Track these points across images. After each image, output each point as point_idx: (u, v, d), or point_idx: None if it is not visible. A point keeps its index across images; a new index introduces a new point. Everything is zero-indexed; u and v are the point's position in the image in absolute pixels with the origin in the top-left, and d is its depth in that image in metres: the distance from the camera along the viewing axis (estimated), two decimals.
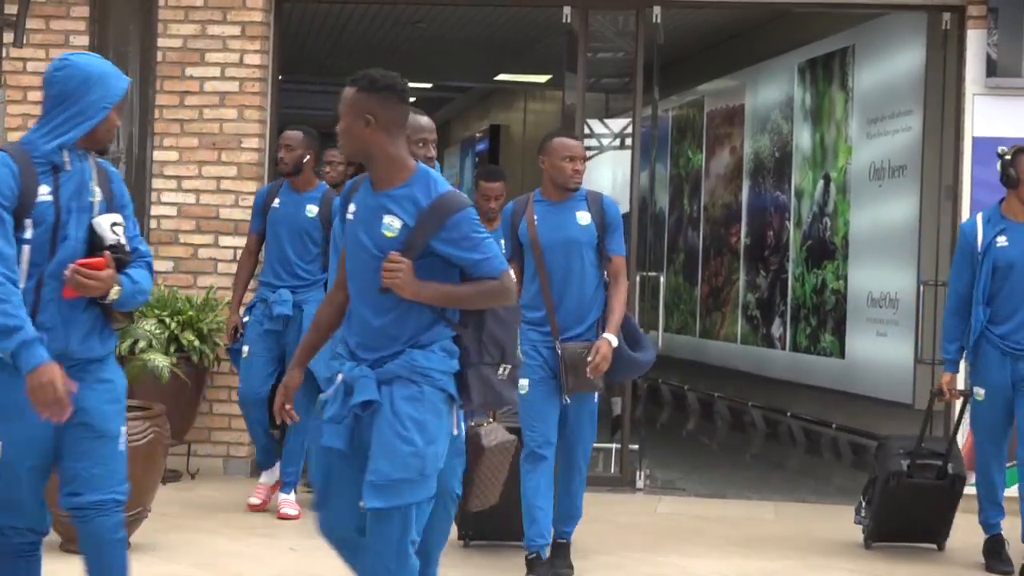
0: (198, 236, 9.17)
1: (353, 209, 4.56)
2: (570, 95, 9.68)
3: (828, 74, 11.70)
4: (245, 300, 8.18)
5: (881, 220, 10.76)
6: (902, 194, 10.44)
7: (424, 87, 18.70)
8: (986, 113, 8.80)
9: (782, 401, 12.31)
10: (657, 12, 9.34)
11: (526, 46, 13.87)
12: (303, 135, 7.94)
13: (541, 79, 16.84)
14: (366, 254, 4.48)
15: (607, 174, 13.83)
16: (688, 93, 14.76)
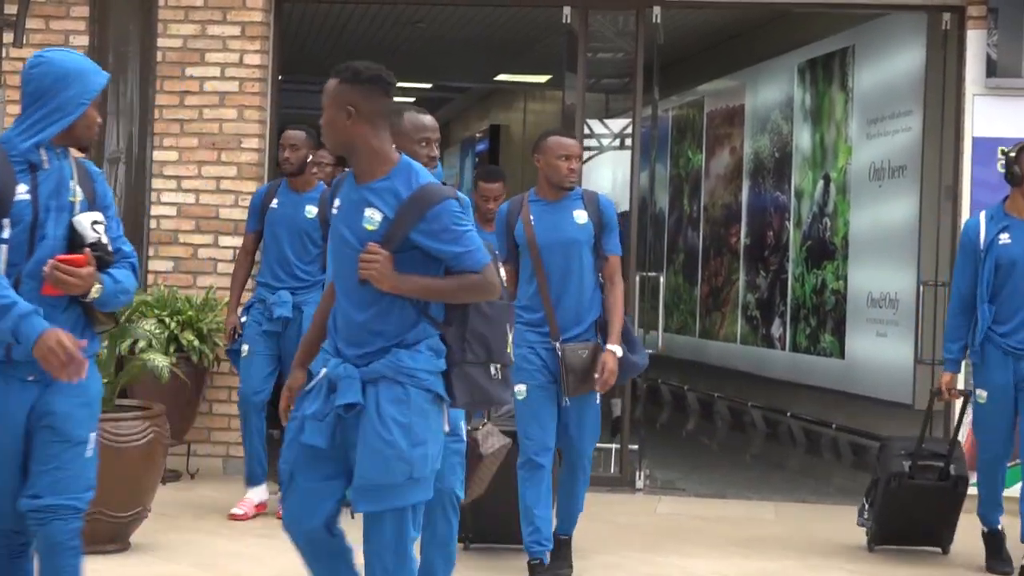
0: (198, 236, 9.17)
1: (337, 204, 4.49)
2: (570, 95, 9.68)
3: (828, 74, 11.70)
4: (243, 300, 8.15)
5: (881, 220, 10.76)
6: (902, 194, 10.43)
7: (424, 87, 18.70)
8: (986, 113, 8.80)
9: (782, 401, 12.30)
10: (657, 12, 9.34)
11: (526, 46, 13.87)
12: (306, 135, 7.92)
13: (541, 79, 16.82)
14: (348, 248, 4.39)
15: (607, 174, 13.83)
16: (688, 93, 14.75)
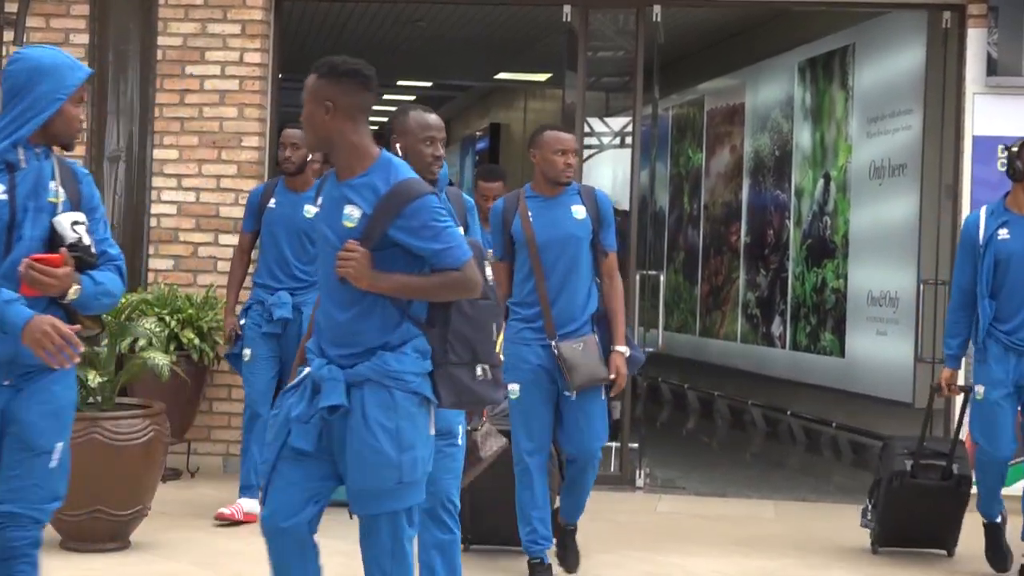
0: (198, 234, 9.17)
1: (320, 202, 4.43)
2: (570, 94, 9.68)
3: (828, 73, 11.70)
4: (240, 300, 8.11)
5: (881, 219, 10.76)
6: (902, 193, 10.43)
7: (424, 86, 18.71)
8: (986, 112, 8.80)
9: (782, 400, 12.30)
10: (657, 11, 9.34)
11: (526, 45, 13.87)
12: None
13: (541, 78, 16.82)
14: (329, 246, 4.32)
15: (607, 173, 13.82)
16: (688, 92, 14.75)
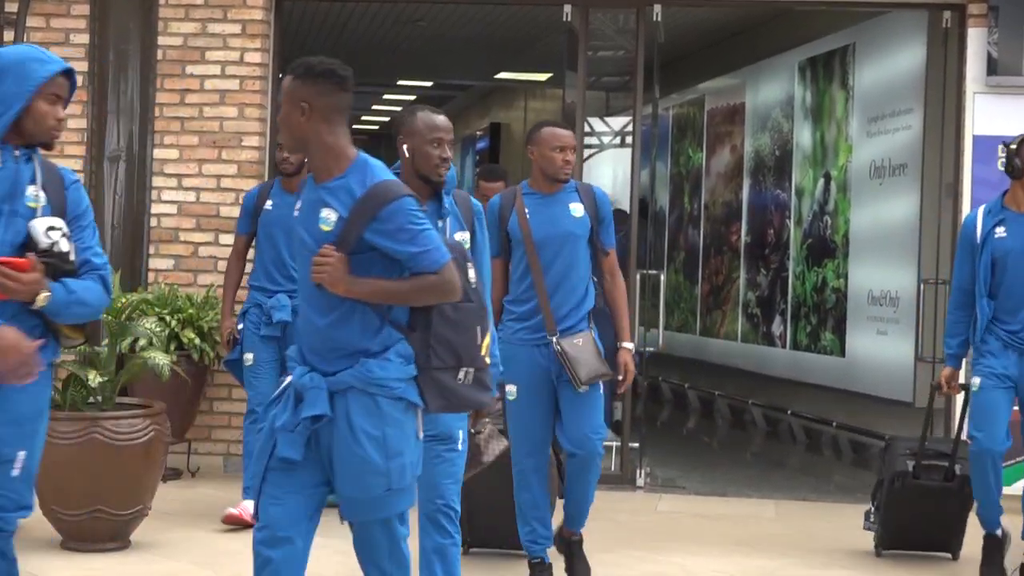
0: (198, 234, 9.17)
1: (298, 206, 4.33)
2: (570, 93, 9.68)
3: (829, 72, 11.70)
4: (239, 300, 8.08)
5: (881, 218, 10.76)
6: (903, 192, 10.43)
7: (424, 85, 18.71)
8: (986, 111, 8.80)
9: (782, 399, 12.30)
10: (658, 10, 9.34)
11: (527, 44, 13.87)
12: None
13: (542, 77, 16.82)
14: (306, 250, 4.23)
15: (607, 172, 13.82)
16: (689, 91, 14.75)
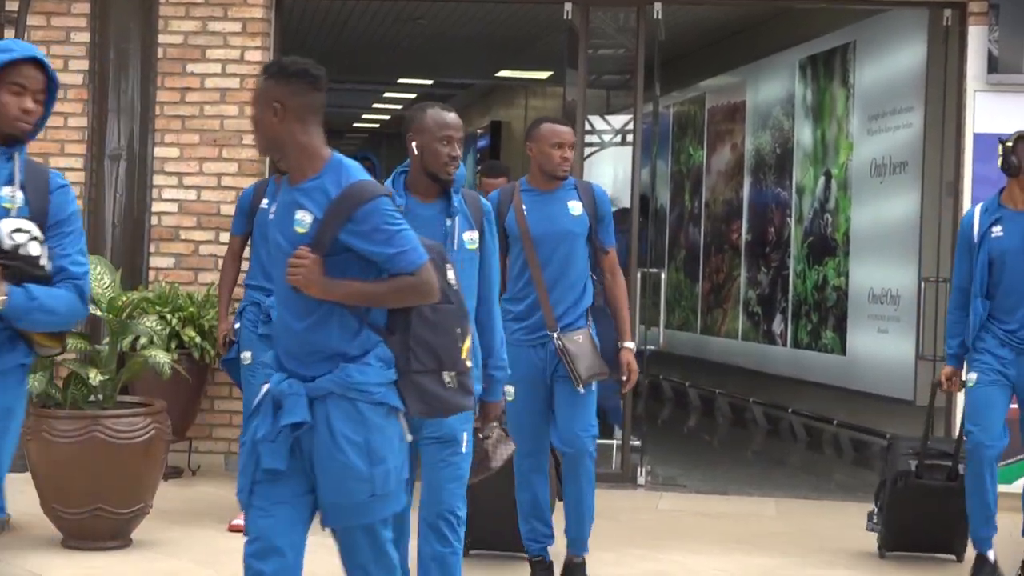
0: (199, 232, 9.17)
1: (274, 209, 4.28)
2: (571, 91, 9.68)
3: (829, 70, 11.70)
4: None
5: (882, 216, 10.75)
6: (903, 190, 10.43)
7: (425, 83, 18.70)
8: (987, 109, 8.79)
9: (783, 397, 12.30)
10: (658, 8, 9.34)
11: (527, 43, 13.87)
12: None
13: (542, 75, 16.82)
14: (281, 253, 4.17)
15: (608, 170, 13.82)
16: (689, 89, 14.75)
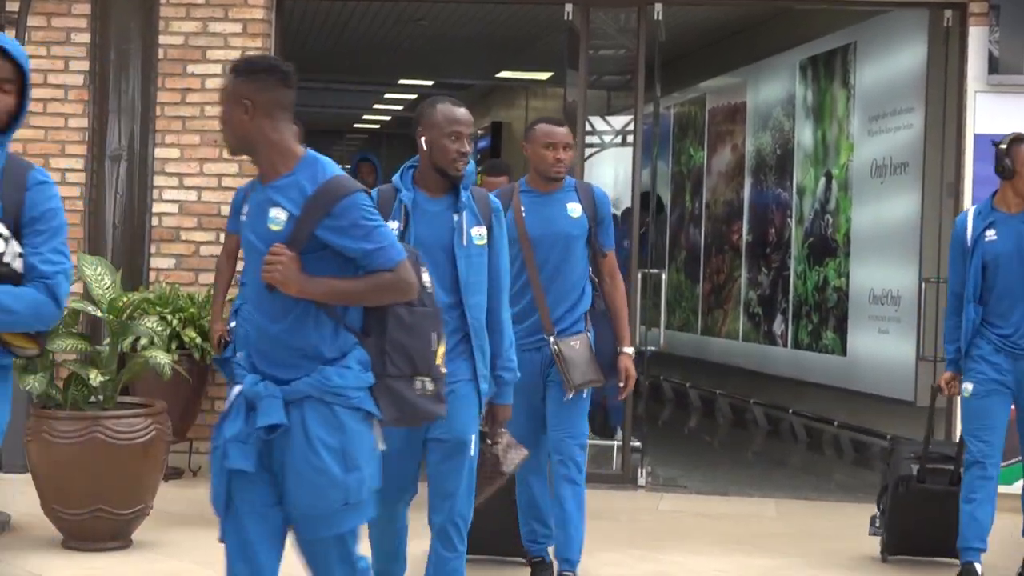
0: (199, 233, 9.17)
1: (246, 209, 4.20)
2: (571, 92, 9.68)
3: (830, 71, 11.70)
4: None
5: (883, 217, 10.75)
6: (904, 191, 10.43)
7: (425, 84, 18.70)
8: (988, 110, 8.79)
9: (784, 398, 12.30)
10: (659, 9, 9.34)
11: (527, 43, 13.87)
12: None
13: (543, 76, 16.82)
14: (255, 253, 4.10)
15: (608, 171, 13.81)
16: (690, 90, 14.75)
